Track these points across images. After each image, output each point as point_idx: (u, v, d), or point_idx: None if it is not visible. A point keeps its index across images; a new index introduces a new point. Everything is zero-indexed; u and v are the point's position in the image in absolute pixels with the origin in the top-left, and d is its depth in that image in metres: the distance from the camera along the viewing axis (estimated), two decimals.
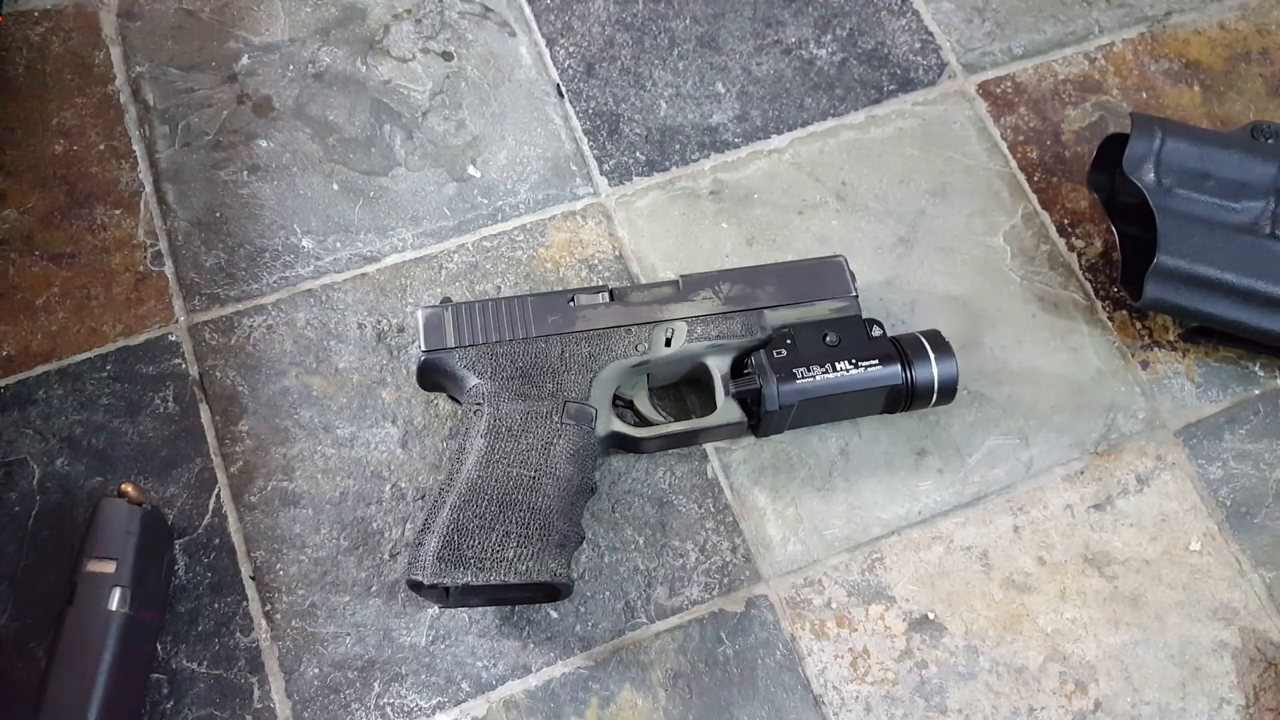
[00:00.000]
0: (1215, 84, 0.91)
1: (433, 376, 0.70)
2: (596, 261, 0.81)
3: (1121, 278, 0.81)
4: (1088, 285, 0.83)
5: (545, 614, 0.70)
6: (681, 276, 0.72)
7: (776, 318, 0.71)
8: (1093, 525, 0.75)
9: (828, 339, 0.69)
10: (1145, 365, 0.80)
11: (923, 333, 0.72)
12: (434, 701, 0.68)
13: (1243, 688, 0.71)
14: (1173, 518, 0.75)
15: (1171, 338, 0.81)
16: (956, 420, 0.77)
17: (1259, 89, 0.91)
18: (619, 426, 0.69)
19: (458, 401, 0.70)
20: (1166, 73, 0.91)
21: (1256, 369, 0.80)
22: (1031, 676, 0.70)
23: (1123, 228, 0.81)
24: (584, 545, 0.72)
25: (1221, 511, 0.76)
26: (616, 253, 0.82)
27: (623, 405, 0.72)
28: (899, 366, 0.70)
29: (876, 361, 0.69)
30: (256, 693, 0.68)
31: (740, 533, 0.73)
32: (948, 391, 0.71)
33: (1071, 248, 0.84)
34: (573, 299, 0.69)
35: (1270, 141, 0.78)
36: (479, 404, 0.67)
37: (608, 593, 0.71)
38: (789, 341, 0.69)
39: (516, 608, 0.70)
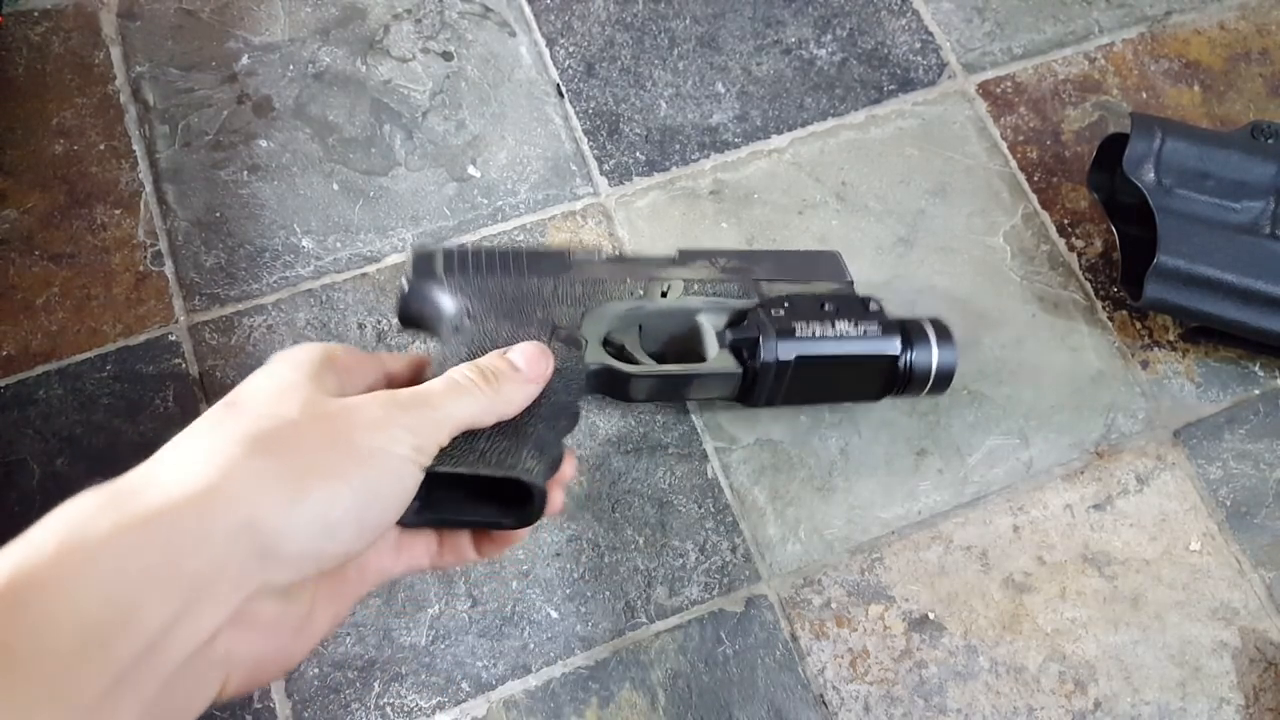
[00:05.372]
0: (1215, 84, 0.91)
1: (417, 307, 0.63)
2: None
3: (1121, 278, 0.81)
4: (1088, 285, 0.83)
5: (545, 614, 0.70)
6: (679, 250, 0.71)
7: (774, 289, 0.69)
8: (1093, 525, 0.75)
9: (825, 306, 0.68)
10: (1145, 365, 0.80)
11: (923, 317, 0.72)
12: (434, 701, 0.68)
13: (1243, 688, 0.71)
14: (1172, 518, 0.75)
15: (1171, 338, 0.81)
16: (956, 420, 0.77)
17: (1259, 89, 0.91)
18: (608, 360, 0.65)
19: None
20: (1166, 73, 0.91)
21: (1256, 369, 0.80)
22: (1031, 676, 0.70)
23: (1123, 228, 0.81)
24: (584, 546, 0.72)
25: (1221, 511, 0.76)
26: (617, 253, 0.82)
27: (613, 349, 0.69)
28: (899, 339, 0.68)
29: (878, 327, 0.68)
30: (256, 693, 0.68)
31: (740, 533, 0.73)
32: (945, 378, 0.70)
33: (1071, 248, 0.84)
34: (569, 254, 0.67)
35: (1270, 141, 0.78)
36: (464, 321, 0.60)
37: (608, 593, 0.71)
38: (786, 304, 0.67)
39: (516, 609, 0.70)
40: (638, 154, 0.86)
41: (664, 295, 0.66)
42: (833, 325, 0.66)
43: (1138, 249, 0.79)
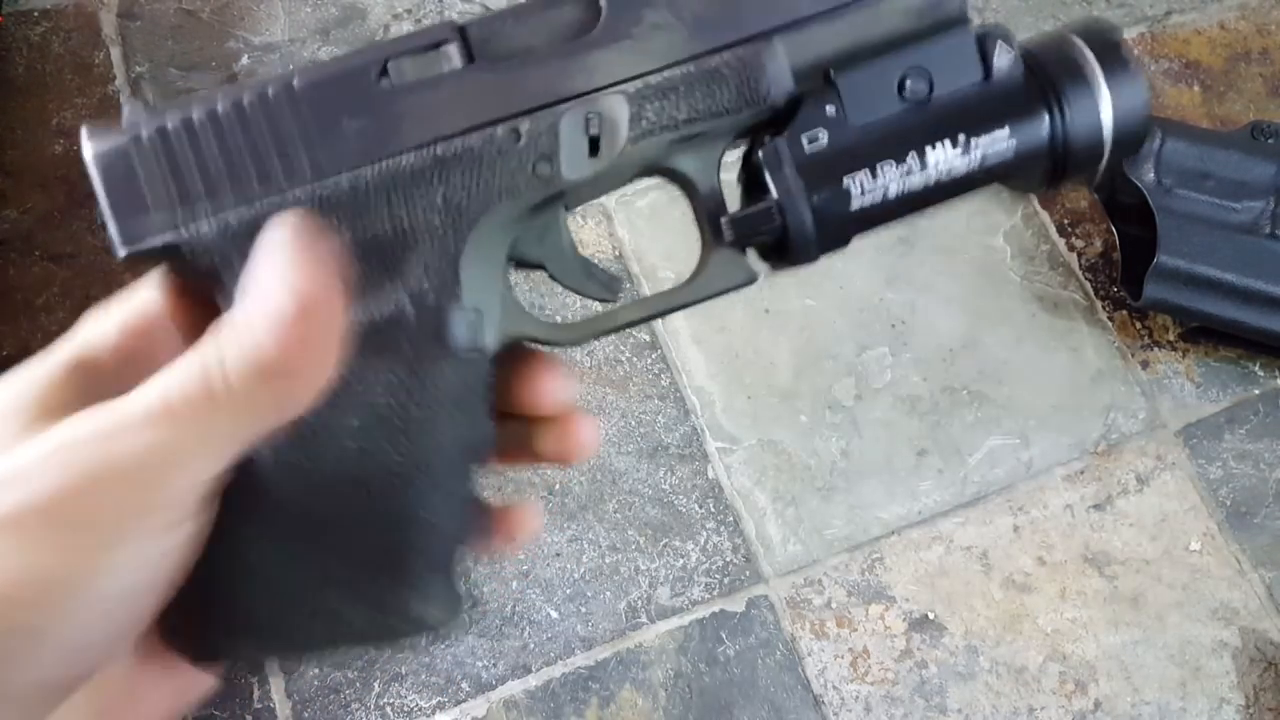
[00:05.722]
0: (1215, 84, 0.91)
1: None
2: (596, 262, 0.81)
3: (1121, 278, 0.81)
4: (1088, 285, 0.83)
5: (546, 614, 0.70)
6: None
7: (801, 51, 0.31)
8: (1093, 525, 0.75)
9: (908, 87, 0.32)
10: (1145, 365, 0.80)
11: (1076, 33, 0.33)
12: (434, 701, 0.68)
13: (1243, 688, 0.71)
14: (1173, 517, 0.75)
15: (1171, 337, 0.81)
16: (956, 420, 0.77)
17: (1259, 89, 0.91)
18: (529, 328, 0.33)
19: None
20: (1166, 72, 0.91)
21: (1256, 369, 0.80)
22: (1031, 676, 0.70)
23: (1123, 228, 0.81)
24: (585, 546, 0.72)
25: (1221, 511, 0.76)
26: (617, 253, 0.82)
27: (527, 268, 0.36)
28: (1046, 116, 0.32)
29: (1006, 123, 0.32)
30: (256, 693, 0.68)
31: (741, 533, 0.73)
32: (1132, 140, 0.33)
33: (1071, 248, 0.84)
34: (385, 68, 0.30)
35: (1270, 141, 0.78)
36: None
37: (609, 593, 0.71)
38: (833, 106, 0.32)
39: (516, 609, 0.70)
40: None
41: (594, 148, 0.31)
42: (922, 151, 0.32)
43: (1138, 249, 0.79)
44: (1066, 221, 0.85)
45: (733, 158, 0.34)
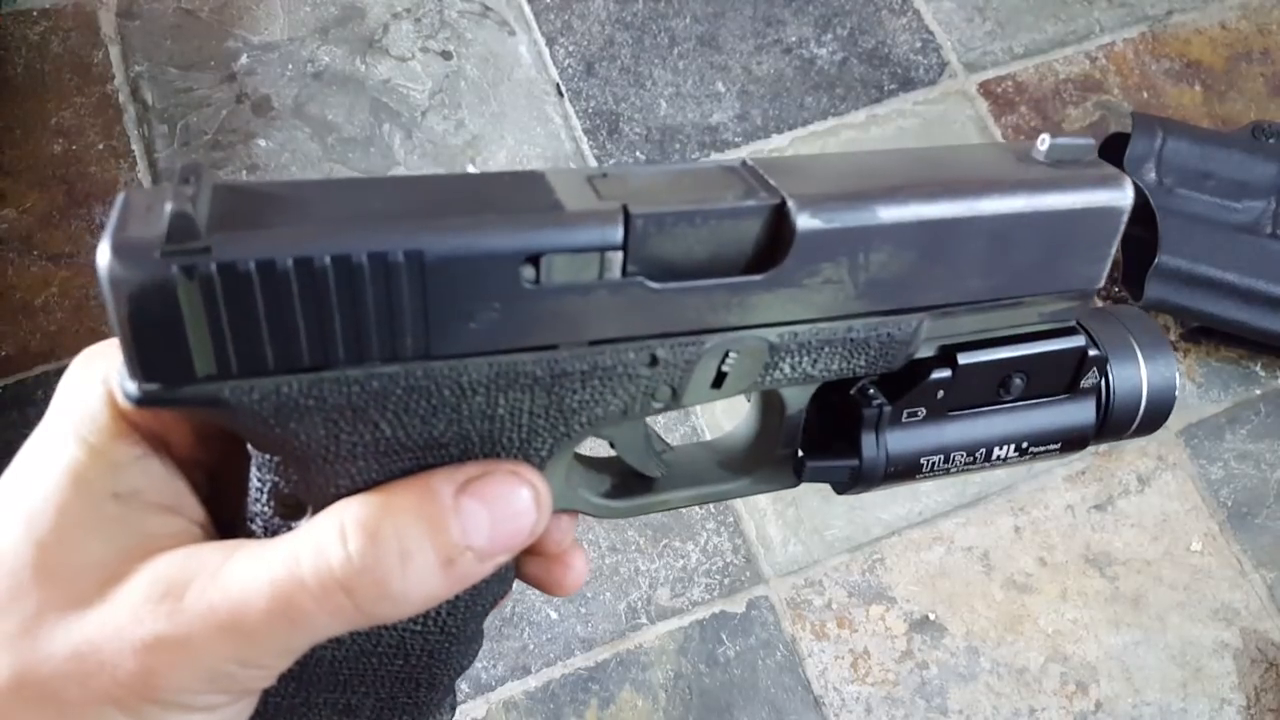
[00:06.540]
0: (1216, 83, 0.91)
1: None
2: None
3: (1122, 278, 0.81)
4: None
5: (545, 614, 0.70)
6: (799, 214, 0.26)
7: (942, 329, 0.31)
8: (1094, 525, 0.75)
9: (1009, 385, 0.33)
10: None
11: (1127, 329, 0.37)
12: None
13: (1244, 688, 0.70)
14: (1174, 518, 0.75)
15: (1173, 338, 0.81)
16: None
17: (1260, 89, 0.91)
18: (579, 505, 0.34)
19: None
20: (1168, 72, 0.91)
21: (1258, 369, 0.80)
22: (1032, 677, 0.70)
23: None
24: (585, 547, 0.72)
25: (1223, 512, 0.76)
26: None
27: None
28: (1093, 406, 0.36)
29: (1061, 440, 0.36)
30: None
31: (741, 534, 0.73)
32: (1155, 422, 0.38)
33: None
34: (538, 264, 0.25)
35: (1271, 141, 0.78)
36: (295, 485, 0.27)
37: (609, 594, 0.71)
38: (943, 389, 0.33)
39: (516, 609, 0.70)
40: (638, 153, 0.85)
41: (718, 383, 0.29)
42: (988, 452, 0.34)
43: (1139, 249, 0.79)
44: None
45: None
